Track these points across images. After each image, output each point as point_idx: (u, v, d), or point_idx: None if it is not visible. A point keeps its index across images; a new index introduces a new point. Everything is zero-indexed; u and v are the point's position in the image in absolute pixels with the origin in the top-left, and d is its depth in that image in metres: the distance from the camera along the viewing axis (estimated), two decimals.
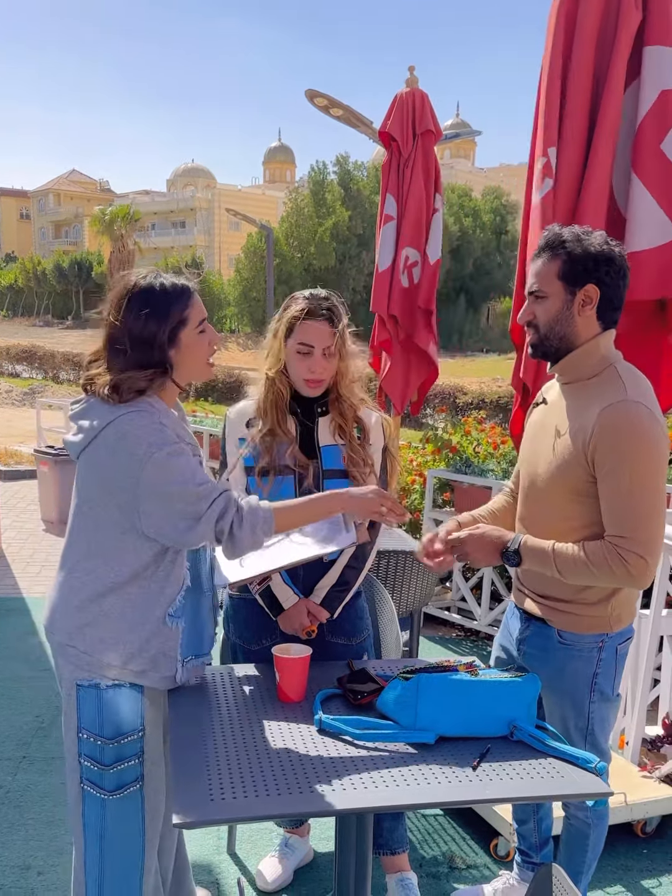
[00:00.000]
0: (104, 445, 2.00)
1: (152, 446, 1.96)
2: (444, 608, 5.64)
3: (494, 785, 1.80)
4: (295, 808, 1.73)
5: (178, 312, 2.05)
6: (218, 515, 1.96)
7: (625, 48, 3.14)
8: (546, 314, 2.23)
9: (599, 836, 2.48)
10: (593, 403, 2.15)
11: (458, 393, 17.86)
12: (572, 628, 2.30)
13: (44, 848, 3.02)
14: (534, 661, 2.40)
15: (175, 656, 2.13)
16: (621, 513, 2.11)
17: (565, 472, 2.21)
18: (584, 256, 2.17)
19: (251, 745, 1.93)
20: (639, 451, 2.09)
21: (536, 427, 2.39)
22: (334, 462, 2.47)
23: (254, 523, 1.97)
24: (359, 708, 2.11)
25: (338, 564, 2.52)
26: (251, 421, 2.52)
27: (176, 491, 1.96)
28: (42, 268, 60.67)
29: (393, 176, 5.21)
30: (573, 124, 3.24)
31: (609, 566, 2.10)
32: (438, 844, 3.12)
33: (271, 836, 3.12)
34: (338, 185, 46.39)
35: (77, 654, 2.11)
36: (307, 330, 2.40)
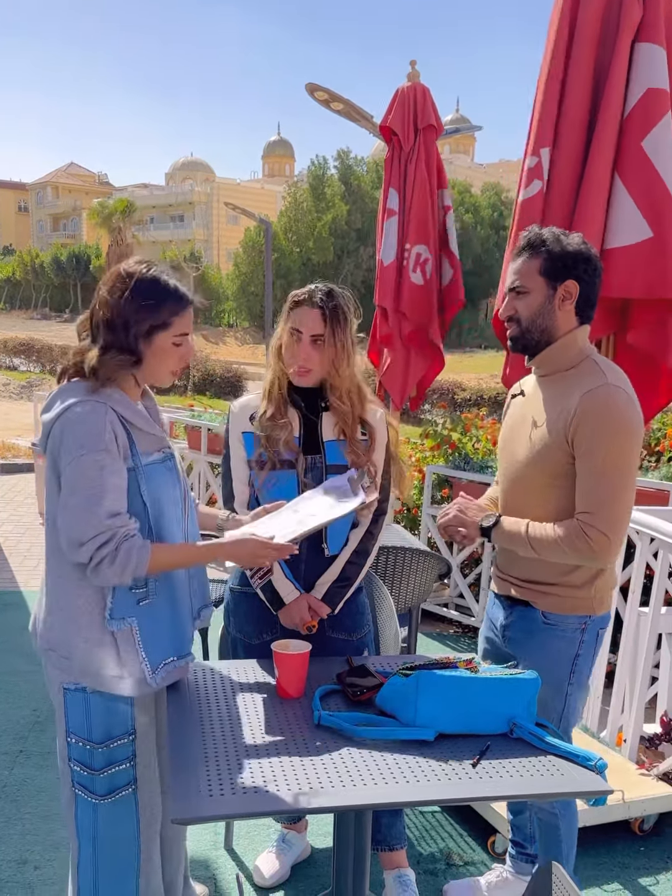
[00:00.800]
0: (54, 436, 2.01)
1: (83, 447, 1.95)
2: (442, 604, 5.64)
3: (494, 782, 1.80)
4: (293, 805, 1.72)
5: (166, 314, 2.05)
6: (97, 546, 1.93)
7: (625, 46, 3.13)
8: (528, 308, 2.34)
9: (570, 826, 2.53)
10: (574, 389, 2.27)
11: (457, 389, 17.88)
12: (557, 609, 2.38)
13: (40, 842, 3.01)
14: (518, 645, 2.46)
15: (137, 660, 2.06)
16: (591, 491, 2.22)
17: (545, 457, 2.31)
18: (564, 254, 2.30)
19: (250, 741, 1.93)
20: (616, 433, 2.20)
21: (515, 418, 2.49)
22: (338, 457, 2.46)
23: (125, 565, 1.94)
24: (358, 704, 2.10)
25: (339, 560, 2.51)
26: (255, 414, 2.51)
27: (74, 503, 1.95)
28: (40, 261, 60.54)
29: (395, 170, 5.19)
30: (573, 124, 3.23)
31: (574, 542, 2.22)
32: (436, 841, 3.12)
33: (269, 831, 3.11)
34: (338, 180, 46.31)
35: (58, 657, 2.09)
36: (297, 316, 2.41)
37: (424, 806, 3.06)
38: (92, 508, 1.94)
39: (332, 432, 2.49)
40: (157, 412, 2.24)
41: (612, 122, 3.14)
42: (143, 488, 2.05)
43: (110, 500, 1.96)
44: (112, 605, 2.03)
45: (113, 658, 2.05)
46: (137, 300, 2.02)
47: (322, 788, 1.74)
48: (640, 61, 3.14)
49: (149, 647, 2.08)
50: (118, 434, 2.00)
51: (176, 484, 2.18)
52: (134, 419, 2.06)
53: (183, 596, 2.20)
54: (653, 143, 3.15)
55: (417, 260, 5.17)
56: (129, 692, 2.08)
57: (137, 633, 2.06)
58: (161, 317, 2.04)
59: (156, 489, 2.09)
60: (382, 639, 2.98)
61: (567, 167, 3.24)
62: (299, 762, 1.84)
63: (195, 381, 22.11)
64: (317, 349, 2.39)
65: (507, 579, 2.50)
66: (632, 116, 3.16)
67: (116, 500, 1.98)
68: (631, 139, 3.15)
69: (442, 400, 17.00)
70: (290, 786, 1.74)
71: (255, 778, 1.77)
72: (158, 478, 2.11)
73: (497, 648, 2.56)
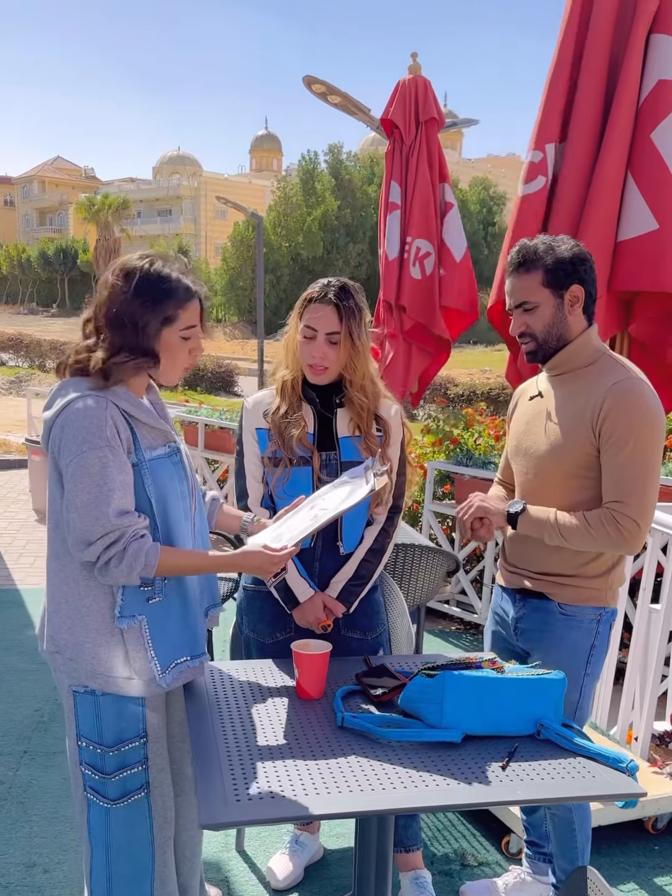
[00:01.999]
0: (55, 434, 1.97)
1: (85, 443, 1.91)
2: (444, 601, 5.61)
3: (525, 785, 1.76)
4: (319, 810, 1.68)
5: (170, 308, 2.00)
6: (105, 546, 1.91)
7: (640, 37, 3.11)
8: (541, 321, 2.35)
9: (584, 819, 2.53)
10: (598, 383, 2.29)
11: (450, 385, 17.85)
12: (574, 601, 2.40)
13: (48, 845, 2.97)
14: (531, 637, 2.47)
15: (146, 658, 2.03)
16: (621, 479, 2.24)
17: (569, 450, 2.32)
18: (562, 262, 2.31)
19: (273, 743, 1.89)
20: (644, 424, 2.24)
21: (530, 416, 2.49)
22: (353, 454, 2.43)
23: (132, 566, 1.91)
24: (380, 705, 2.07)
25: (354, 558, 2.47)
26: (268, 411, 2.46)
27: (80, 501, 1.91)
28: (27, 255, 60.20)
29: (397, 164, 5.14)
30: (586, 116, 3.20)
31: (605, 529, 2.24)
32: (449, 842, 3.09)
33: (280, 833, 3.07)
34: (328, 175, 46.17)
35: (65, 660, 2.04)
36: (312, 313, 2.36)
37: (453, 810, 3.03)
38: (100, 507, 1.90)
39: (346, 428, 2.45)
40: (162, 406, 2.20)
41: (626, 114, 3.11)
42: (149, 483, 2.01)
43: (118, 498, 1.92)
44: (122, 602, 2.00)
45: (121, 659, 2.01)
46: (143, 296, 1.98)
47: (347, 793, 1.71)
48: (653, 52, 3.12)
49: (159, 647, 2.04)
50: (120, 429, 1.96)
51: (183, 479, 2.14)
52: (137, 413, 2.01)
53: (194, 594, 2.16)
54: (662, 134, 3.13)
55: (417, 254, 5.13)
56: (138, 693, 2.04)
57: (147, 632, 2.02)
58: (166, 311, 1.99)
59: (161, 484, 2.05)
60: (394, 637, 2.95)
61: (580, 160, 3.21)
62: (325, 765, 1.80)
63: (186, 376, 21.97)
64: (333, 347, 2.36)
65: (519, 572, 2.49)
66: (643, 108, 3.14)
67: (124, 498, 1.94)
68: (641, 131, 3.13)
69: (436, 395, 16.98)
70: (317, 789, 1.71)
71: (281, 782, 1.73)
72: (164, 472, 2.06)
73: (506, 642, 2.56)
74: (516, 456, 2.52)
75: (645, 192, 3.15)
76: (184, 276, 2.04)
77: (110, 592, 2.01)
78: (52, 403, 2.01)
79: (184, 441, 2.24)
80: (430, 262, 5.15)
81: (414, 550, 3.51)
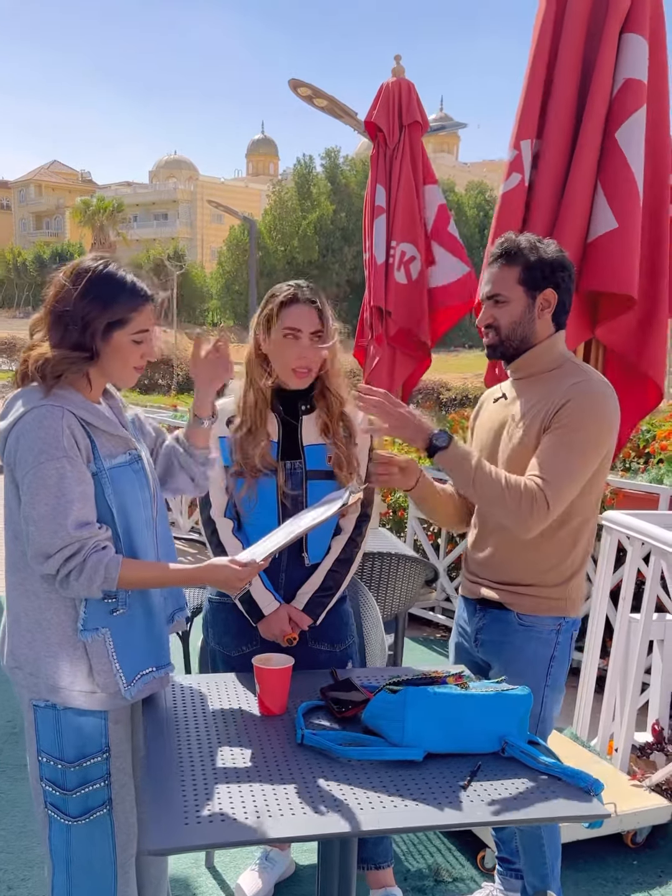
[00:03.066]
0: (10, 444, 1.92)
1: (42, 454, 1.86)
2: (429, 608, 5.56)
3: (485, 806, 1.71)
4: (275, 833, 1.63)
5: (122, 311, 1.96)
6: (64, 559, 1.86)
7: (613, 35, 3.09)
8: (508, 317, 2.31)
9: (552, 836, 2.48)
10: (557, 387, 2.26)
11: (442, 389, 17.82)
12: (533, 611, 2.36)
13: (14, 861, 2.91)
14: (491, 649, 2.44)
15: (111, 671, 1.97)
16: (554, 461, 2.19)
17: (528, 449, 2.27)
18: (542, 263, 2.28)
19: (229, 763, 1.84)
20: (596, 419, 2.21)
21: (494, 421, 2.45)
22: (319, 462, 2.38)
23: (92, 578, 1.87)
24: (343, 721, 2.02)
25: (321, 568, 2.43)
26: (232, 418, 2.41)
27: (38, 514, 1.86)
28: (23, 259, 60.20)
29: (381, 167, 5.10)
30: (560, 114, 3.17)
31: (519, 496, 2.16)
32: (424, 856, 3.03)
33: (251, 849, 3.01)
34: (325, 179, 46.22)
35: (24, 675, 1.99)
36: (294, 314, 2.32)
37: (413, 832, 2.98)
38: (58, 519, 1.85)
39: (313, 436, 2.40)
40: (120, 411, 2.15)
41: (598, 113, 3.09)
42: (109, 493, 1.97)
43: (77, 510, 1.88)
44: (85, 615, 1.95)
45: (84, 672, 1.96)
46: (91, 296, 1.93)
47: (304, 814, 1.66)
48: (623, 51, 3.10)
49: (123, 658, 1.99)
50: (78, 438, 1.91)
51: (145, 486, 2.09)
52: (94, 421, 1.96)
53: (158, 603, 2.11)
54: (626, 133, 3.11)
55: (402, 258, 5.09)
56: (102, 706, 1.99)
57: (111, 644, 1.97)
58: (118, 313, 1.95)
59: (122, 493, 2.00)
60: (368, 648, 2.90)
61: (554, 158, 3.18)
62: (282, 786, 1.75)
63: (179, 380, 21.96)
64: (316, 347, 2.33)
65: (480, 582, 2.46)
66: (612, 107, 3.13)
67: (83, 509, 1.90)
68: (608, 130, 3.11)
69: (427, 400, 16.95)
70: (271, 812, 1.65)
71: (235, 804, 1.68)
72: (125, 481, 2.01)
73: (469, 654, 2.52)
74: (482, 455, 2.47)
75: (607, 190, 3.14)
76: (138, 279, 2.00)
77: (72, 605, 1.96)
78: (6, 414, 1.96)
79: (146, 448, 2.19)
80: (415, 267, 5.10)
81: (391, 559, 3.46)
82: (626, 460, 5.42)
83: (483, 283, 2.38)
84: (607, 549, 3.54)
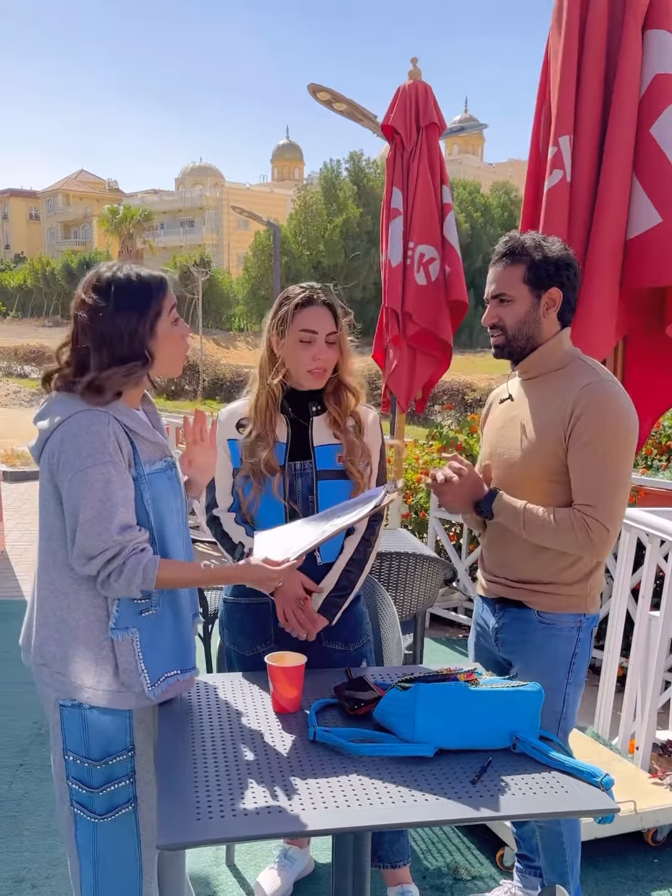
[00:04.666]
0: (53, 446, 1.94)
1: (89, 458, 1.89)
2: (451, 608, 5.56)
3: (495, 801, 1.72)
4: (287, 828, 1.65)
5: (155, 304, 1.99)
6: (105, 561, 1.90)
7: (634, 34, 3.08)
8: (514, 317, 2.32)
9: (573, 833, 2.48)
10: (569, 387, 2.26)
11: (467, 390, 17.78)
12: (552, 608, 2.36)
13: (38, 859, 2.95)
14: (512, 647, 2.43)
15: (136, 671, 2.00)
16: (593, 482, 2.21)
17: (542, 455, 2.28)
18: (546, 261, 2.28)
19: (243, 759, 1.86)
20: (616, 427, 2.21)
21: (503, 422, 2.45)
22: (329, 463, 2.40)
23: (131, 580, 1.91)
24: (356, 718, 2.03)
25: (335, 569, 2.44)
26: (242, 421, 2.44)
27: (84, 517, 1.89)
28: (51, 268, 60.69)
29: (398, 169, 5.12)
30: (587, 115, 3.16)
31: (574, 531, 2.20)
32: (443, 855, 3.04)
33: (270, 846, 3.04)
34: (350, 182, 46.28)
35: (51, 673, 2.03)
36: (308, 316, 2.35)
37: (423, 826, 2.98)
38: (103, 523, 1.89)
39: (323, 436, 2.42)
40: (157, 418, 2.19)
41: (628, 111, 3.08)
42: (147, 498, 2.01)
43: (121, 514, 1.92)
44: (117, 614, 1.99)
45: (110, 671, 2.00)
46: (125, 305, 1.96)
47: (315, 810, 1.67)
48: (649, 48, 3.09)
49: (149, 659, 2.02)
50: (122, 443, 1.95)
51: (177, 494, 2.13)
52: (137, 428, 2.00)
53: (185, 607, 2.14)
54: (661, 128, 3.09)
55: (421, 260, 5.11)
56: (127, 706, 2.02)
57: (138, 645, 2.01)
58: (153, 308, 1.98)
59: (158, 499, 2.04)
60: (385, 647, 2.91)
61: (585, 158, 3.18)
62: (293, 782, 1.77)
63: (205, 385, 22.09)
64: (332, 347, 2.38)
65: (497, 581, 2.46)
66: (642, 104, 3.12)
67: (127, 513, 1.94)
68: (642, 126, 3.10)
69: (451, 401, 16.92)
70: (282, 807, 1.67)
71: (247, 799, 1.70)
72: (161, 487, 2.05)
73: (489, 653, 2.53)
74: (493, 459, 2.48)
75: (647, 186, 3.12)
76: (143, 269, 2.04)
77: (100, 606, 1.99)
78: (46, 415, 1.99)
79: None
80: (434, 268, 5.12)
81: (408, 559, 3.47)
82: (648, 457, 5.39)
83: (488, 283, 2.38)
84: (626, 546, 3.52)
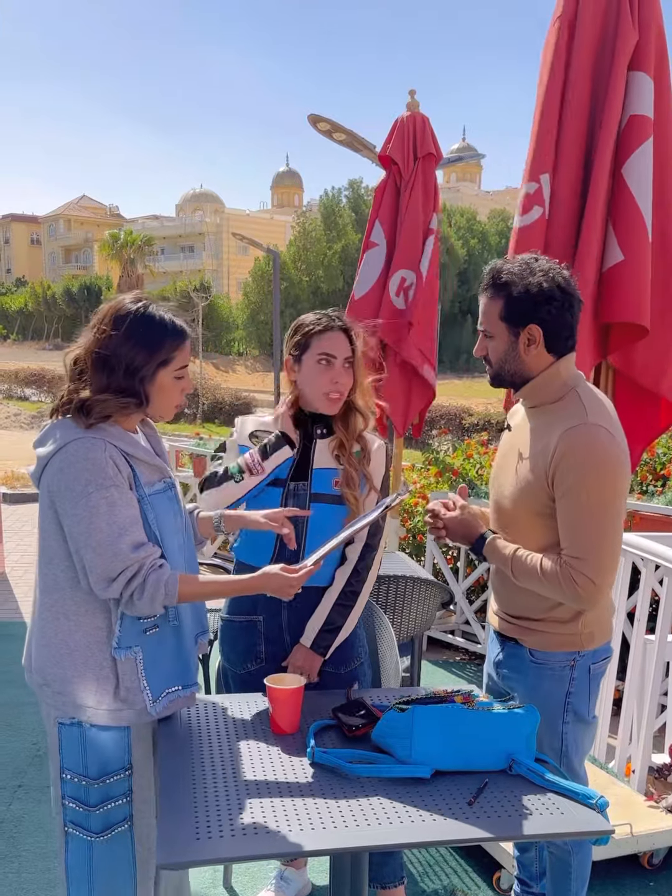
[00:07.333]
0: (51, 472, 1.97)
1: (90, 485, 1.93)
2: (448, 631, 5.57)
3: (492, 822, 1.74)
4: (286, 848, 1.67)
5: (167, 351, 2.03)
6: (127, 580, 1.93)
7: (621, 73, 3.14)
8: (495, 353, 2.27)
9: (582, 863, 2.45)
10: (555, 427, 2.18)
11: (464, 414, 17.83)
12: (543, 647, 2.30)
13: (36, 881, 2.96)
14: (511, 682, 2.40)
15: (138, 688, 2.04)
16: (577, 533, 2.14)
17: (528, 495, 2.23)
18: (523, 298, 2.18)
19: (241, 780, 1.88)
20: (598, 472, 2.10)
21: (504, 451, 2.41)
22: (326, 487, 2.43)
23: (154, 596, 1.95)
24: (354, 740, 2.06)
25: (325, 602, 2.46)
26: (256, 432, 2.49)
27: (95, 542, 1.93)
28: (52, 292, 60.89)
29: (387, 200, 5.22)
30: (572, 151, 3.23)
31: (559, 583, 2.13)
32: (440, 877, 3.05)
33: (268, 868, 3.04)
34: (349, 210, 46.61)
35: (52, 693, 2.06)
36: (328, 340, 2.39)
37: (421, 847, 2.99)
38: (115, 544, 1.93)
39: (324, 460, 2.46)
40: (158, 440, 2.23)
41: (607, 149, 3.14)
42: (151, 518, 2.04)
43: (131, 533, 1.95)
44: (120, 633, 2.02)
45: (111, 691, 2.02)
46: (135, 340, 2.00)
47: (314, 830, 1.70)
48: (629, 89, 3.16)
49: (151, 676, 2.05)
50: (121, 467, 1.98)
51: (178, 513, 2.17)
52: (135, 452, 2.04)
53: (187, 624, 2.17)
54: (631, 168, 3.16)
55: (402, 284, 5.18)
56: (127, 722, 2.05)
57: (141, 663, 2.04)
58: (162, 354, 2.02)
59: (161, 519, 2.08)
60: (383, 669, 2.93)
61: (567, 194, 3.24)
62: (291, 802, 1.79)
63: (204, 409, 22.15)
64: (348, 372, 2.41)
65: (499, 614, 2.44)
66: (618, 144, 3.19)
67: (136, 532, 1.97)
68: (615, 166, 3.17)
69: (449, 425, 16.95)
70: (281, 827, 1.70)
71: (246, 819, 1.72)
72: (162, 507, 2.09)
73: (495, 685, 2.50)
74: (491, 488, 2.47)
75: (615, 225, 3.20)
76: (176, 317, 2.07)
77: (102, 628, 2.02)
78: (46, 441, 2.02)
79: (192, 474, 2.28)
80: (412, 292, 5.19)
81: (406, 582, 3.50)
82: (644, 483, 5.43)
83: (479, 312, 2.32)
84: (622, 570, 3.55)
